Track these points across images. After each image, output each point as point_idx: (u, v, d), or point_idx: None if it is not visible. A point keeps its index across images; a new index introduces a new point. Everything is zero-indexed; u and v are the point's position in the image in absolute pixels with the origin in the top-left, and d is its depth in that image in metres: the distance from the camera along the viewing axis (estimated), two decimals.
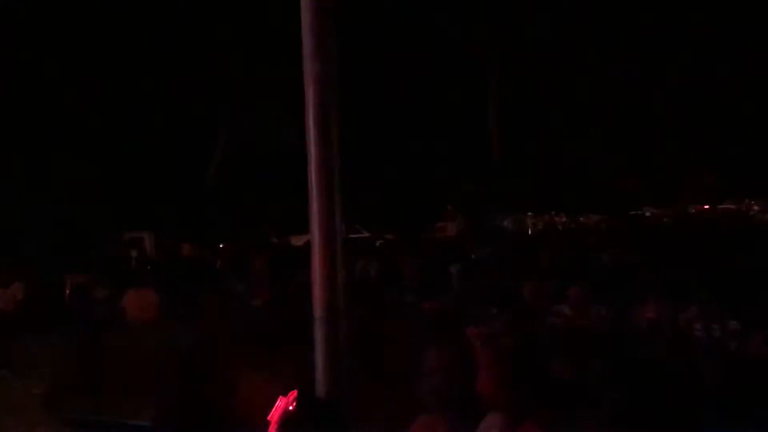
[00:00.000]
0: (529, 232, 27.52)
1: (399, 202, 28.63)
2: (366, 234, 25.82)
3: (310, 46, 2.84)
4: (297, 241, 21.11)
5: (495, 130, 32.28)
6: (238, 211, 25.41)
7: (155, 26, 24.24)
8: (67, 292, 8.96)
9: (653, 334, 5.44)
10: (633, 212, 27.58)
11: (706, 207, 30.83)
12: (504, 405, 3.43)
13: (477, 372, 3.57)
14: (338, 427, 2.51)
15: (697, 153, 31.53)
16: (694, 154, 31.53)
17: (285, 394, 2.53)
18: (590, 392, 3.94)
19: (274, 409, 2.53)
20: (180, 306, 7.69)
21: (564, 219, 30.15)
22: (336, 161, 2.85)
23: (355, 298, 8.12)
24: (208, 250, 19.30)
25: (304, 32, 2.85)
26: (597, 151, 30.46)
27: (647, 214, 29.25)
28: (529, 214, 30.91)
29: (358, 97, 24.20)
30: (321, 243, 2.74)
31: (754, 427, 2.79)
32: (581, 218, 28.66)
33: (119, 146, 24.35)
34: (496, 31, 28.85)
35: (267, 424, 2.47)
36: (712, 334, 5.20)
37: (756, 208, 29.35)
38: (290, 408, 2.48)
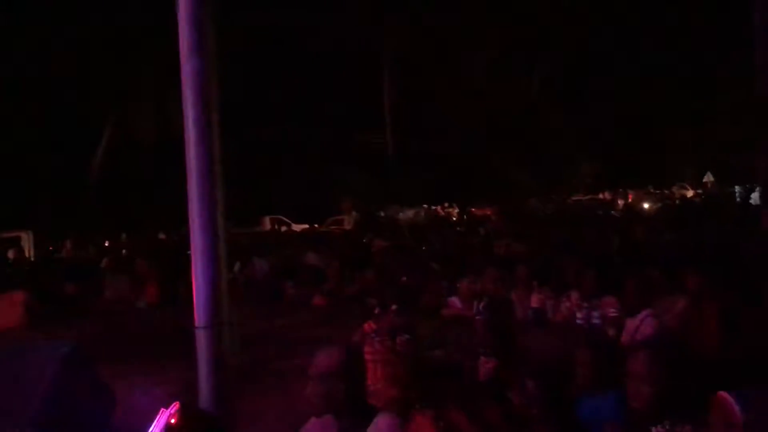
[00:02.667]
0: (423, 224, 27.95)
1: (299, 195, 28.45)
2: (294, 226, 25.57)
3: (187, 42, 2.72)
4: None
5: (389, 126, 32.88)
6: (124, 208, 24.39)
7: (34, 18, 22.95)
8: None
9: (537, 323, 5.65)
10: (519, 203, 28.52)
11: (588, 197, 32.41)
12: (395, 402, 3.44)
13: (367, 371, 3.56)
14: None
15: (577, 147, 33.30)
16: (574, 148, 33.26)
17: (166, 406, 2.42)
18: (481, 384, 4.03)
19: (155, 421, 2.41)
20: (54, 309, 7.26)
21: (456, 210, 30.83)
22: (216, 159, 2.74)
23: (247, 296, 7.99)
24: (92, 248, 18.37)
25: (181, 28, 2.72)
26: (487, 146, 31.51)
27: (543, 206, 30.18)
28: (424, 206, 31.45)
29: (258, 95, 24.02)
30: (202, 246, 2.63)
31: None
32: (472, 210, 29.35)
33: None
34: (390, 30, 29.33)
35: None
36: (592, 321, 5.45)
37: (630, 197, 31.06)
38: (172, 420, 2.37)
